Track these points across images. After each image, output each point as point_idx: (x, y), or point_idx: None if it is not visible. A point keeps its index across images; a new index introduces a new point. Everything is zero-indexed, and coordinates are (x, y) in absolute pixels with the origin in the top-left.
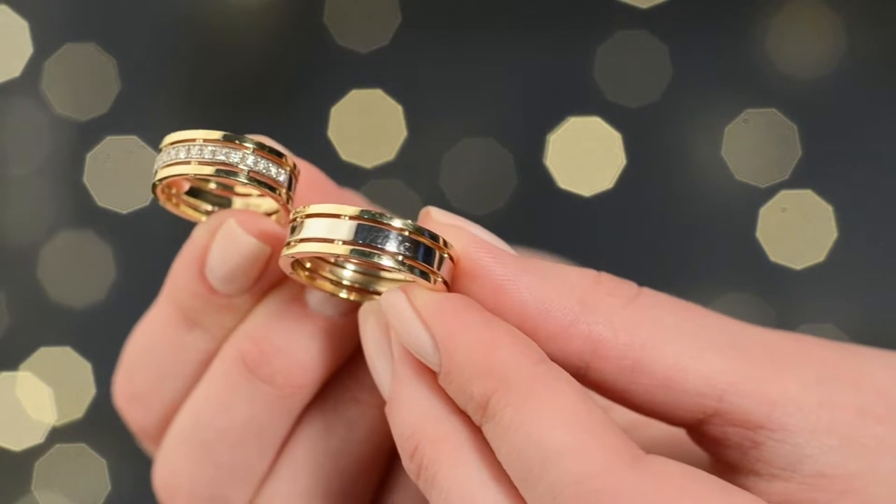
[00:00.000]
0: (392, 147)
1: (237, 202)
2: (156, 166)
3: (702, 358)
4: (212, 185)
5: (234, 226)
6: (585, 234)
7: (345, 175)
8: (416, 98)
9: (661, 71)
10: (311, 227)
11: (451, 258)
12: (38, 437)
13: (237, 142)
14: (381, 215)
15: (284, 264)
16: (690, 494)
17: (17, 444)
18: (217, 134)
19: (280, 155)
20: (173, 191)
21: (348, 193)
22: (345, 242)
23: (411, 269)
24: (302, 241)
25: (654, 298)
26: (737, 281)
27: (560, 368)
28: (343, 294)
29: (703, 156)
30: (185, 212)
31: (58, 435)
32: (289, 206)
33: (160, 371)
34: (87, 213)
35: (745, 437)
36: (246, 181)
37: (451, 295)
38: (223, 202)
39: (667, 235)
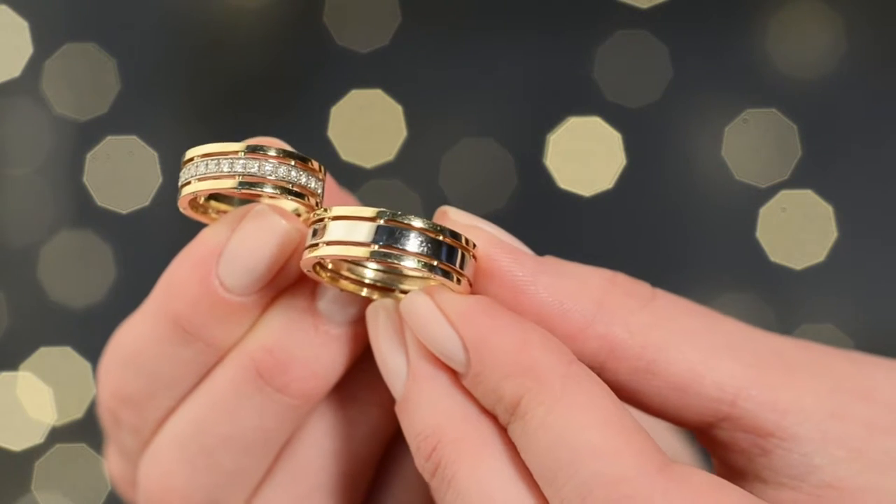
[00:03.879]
0: (392, 147)
1: (265, 202)
2: (185, 178)
3: (716, 362)
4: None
5: (267, 211)
6: (585, 234)
7: (345, 175)
8: (416, 98)
9: (661, 71)
10: (335, 230)
11: (473, 257)
12: (38, 437)
13: (263, 152)
14: (403, 215)
15: (307, 265)
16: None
17: (17, 444)
18: (240, 145)
19: (306, 160)
20: (199, 200)
21: (350, 198)
22: (368, 245)
23: (432, 269)
24: (328, 243)
25: (669, 301)
26: (737, 281)
27: (589, 369)
28: (365, 293)
29: (703, 156)
30: (214, 218)
31: (58, 435)
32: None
33: (154, 379)
34: (87, 213)
35: (754, 443)
36: (281, 193)
37: (477, 297)
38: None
39: (667, 235)
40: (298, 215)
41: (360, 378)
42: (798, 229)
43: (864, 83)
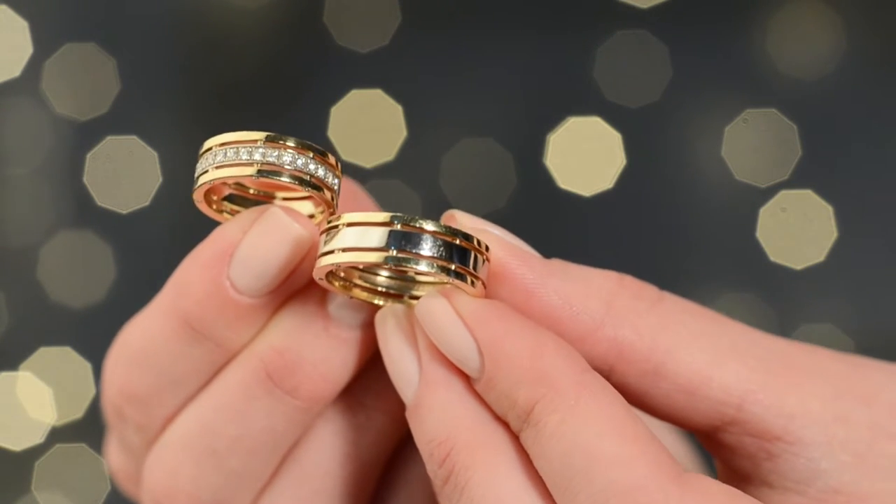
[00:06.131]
0: (392, 147)
1: (278, 203)
2: (202, 168)
3: (724, 365)
4: (251, 191)
5: (280, 213)
6: (585, 234)
7: (345, 175)
8: (416, 98)
9: (661, 71)
10: (349, 237)
11: (487, 260)
12: (38, 437)
13: (282, 142)
14: (416, 219)
15: (321, 272)
16: None
17: (17, 444)
18: (259, 134)
19: (324, 154)
20: (214, 196)
21: (369, 201)
22: (383, 250)
23: (448, 273)
24: (343, 250)
25: (676, 303)
26: (737, 281)
27: (602, 378)
28: (379, 301)
29: (703, 156)
30: (226, 217)
31: (58, 435)
32: (334, 209)
33: (162, 377)
34: (87, 213)
35: (760, 447)
36: (299, 184)
37: (492, 300)
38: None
39: (667, 235)
40: (312, 216)
41: (367, 384)
42: (798, 229)
43: (864, 83)
